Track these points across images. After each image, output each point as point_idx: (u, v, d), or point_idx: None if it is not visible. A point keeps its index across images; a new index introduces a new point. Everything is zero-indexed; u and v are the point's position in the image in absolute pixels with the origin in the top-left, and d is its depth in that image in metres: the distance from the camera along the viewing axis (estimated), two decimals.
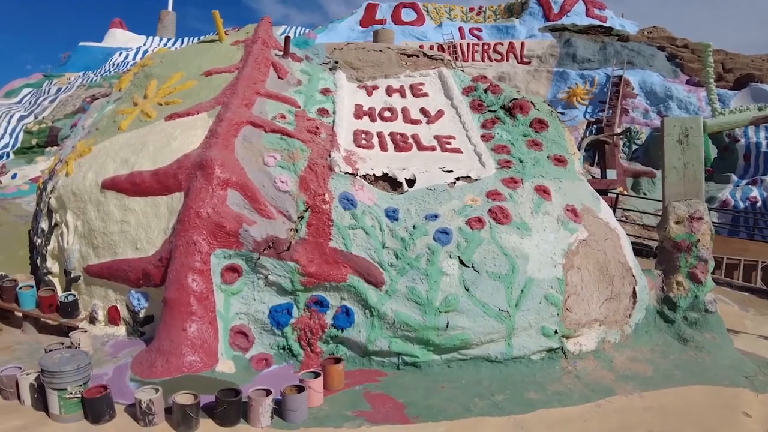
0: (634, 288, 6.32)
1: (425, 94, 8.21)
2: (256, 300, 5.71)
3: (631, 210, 15.31)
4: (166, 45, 27.12)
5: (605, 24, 24.85)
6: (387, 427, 4.48)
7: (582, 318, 5.80)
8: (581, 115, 21.22)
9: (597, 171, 17.07)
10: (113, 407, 4.53)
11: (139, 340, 5.91)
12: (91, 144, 7.12)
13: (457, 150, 6.96)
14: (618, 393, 5.17)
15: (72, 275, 6.50)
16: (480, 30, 25.14)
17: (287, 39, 8.41)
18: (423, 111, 7.79)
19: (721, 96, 19.42)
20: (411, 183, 6.25)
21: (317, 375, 4.91)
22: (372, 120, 7.57)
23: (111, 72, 23.64)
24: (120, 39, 27.85)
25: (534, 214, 6.05)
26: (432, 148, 7.00)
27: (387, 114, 7.71)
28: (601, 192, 10.60)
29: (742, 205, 15.80)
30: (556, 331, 5.58)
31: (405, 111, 7.79)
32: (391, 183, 6.29)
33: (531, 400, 4.97)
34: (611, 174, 16.33)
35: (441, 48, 22.08)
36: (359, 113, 7.62)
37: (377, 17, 26.34)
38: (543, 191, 6.25)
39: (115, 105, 7.99)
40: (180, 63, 8.11)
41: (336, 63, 8.63)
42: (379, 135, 7.18)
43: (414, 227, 5.78)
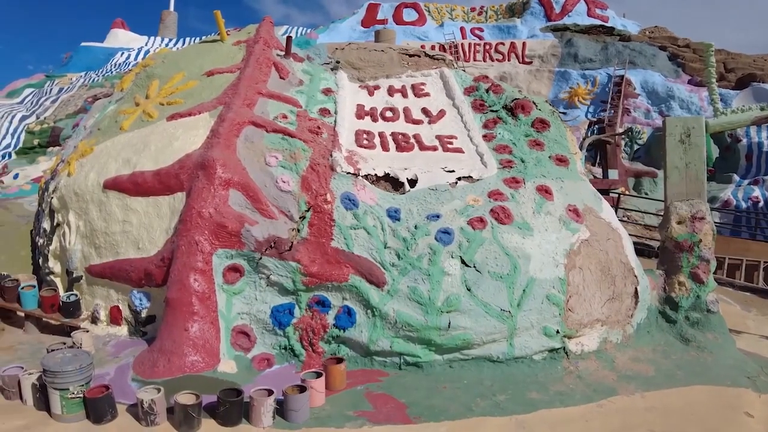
0: (636, 288, 6.31)
1: (427, 94, 8.21)
2: (257, 300, 5.71)
3: (633, 210, 15.29)
4: (167, 45, 27.17)
5: (607, 24, 24.86)
6: (389, 427, 4.48)
7: (584, 318, 5.79)
8: (583, 115, 21.23)
9: (599, 171, 17.06)
10: (115, 407, 4.53)
11: (141, 340, 5.91)
12: (93, 144, 7.12)
13: (459, 150, 6.95)
14: (620, 393, 5.16)
15: (74, 275, 6.51)
16: (481, 30, 25.14)
17: (289, 39, 8.41)
18: (425, 111, 7.79)
19: (723, 96, 19.42)
20: (413, 183, 6.24)
21: (319, 375, 4.90)
22: (374, 120, 7.56)
23: (113, 72, 23.68)
24: (122, 39, 27.91)
25: (536, 214, 6.04)
26: (434, 148, 6.99)
27: (389, 114, 7.70)
28: (603, 192, 10.57)
29: (744, 205, 15.79)
30: (558, 331, 5.57)
31: (407, 111, 7.78)
32: (393, 183, 6.29)
33: (533, 400, 4.97)
34: (613, 174, 16.32)
35: (442, 48, 22.08)
36: (361, 113, 7.62)
37: (378, 17, 26.36)
38: (545, 191, 6.24)
39: (117, 105, 7.99)
40: (182, 63, 8.12)
41: (338, 63, 8.62)
42: (381, 135, 7.18)
43: (416, 227, 5.78)
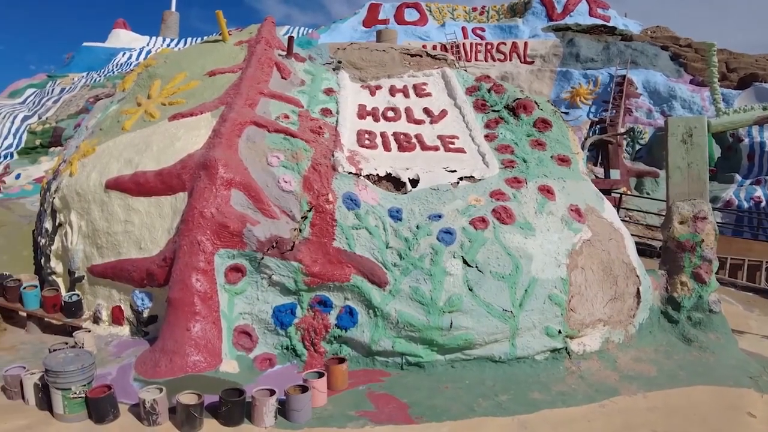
0: (638, 288, 6.30)
1: (428, 93, 8.20)
2: (259, 300, 5.71)
3: (635, 210, 15.27)
4: (169, 45, 27.20)
5: (608, 23, 24.84)
6: (391, 427, 4.48)
7: (586, 318, 5.79)
8: (584, 115, 21.22)
9: (600, 171, 17.02)
10: (117, 407, 4.53)
11: (143, 339, 5.92)
12: (95, 144, 7.13)
13: (461, 150, 6.94)
14: (622, 393, 5.16)
15: (76, 275, 6.51)
16: (483, 30, 25.13)
17: (290, 39, 8.40)
18: (426, 111, 7.78)
19: (725, 95, 19.41)
20: (414, 183, 6.24)
21: (321, 375, 4.90)
22: (375, 120, 7.56)
23: (114, 72, 23.71)
24: (123, 39, 27.95)
25: (538, 214, 6.04)
26: (435, 147, 6.98)
27: (390, 114, 7.70)
28: (605, 192, 10.57)
29: (746, 205, 15.77)
30: (560, 332, 5.57)
31: (408, 111, 7.78)
32: (395, 183, 6.29)
33: (535, 400, 4.96)
34: (615, 174, 16.28)
35: (444, 48, 22.06)
36: (363, 113, 7.62)
37: (380, 17, 26.36)
38: (547, 191, 6.23)
39: (119, 105, 8.00)
40: (183, 63, 8.12)
41: (339, 63, 8.62)
42: (383, 135, 7.17)
43: (417, 227, 5.78)
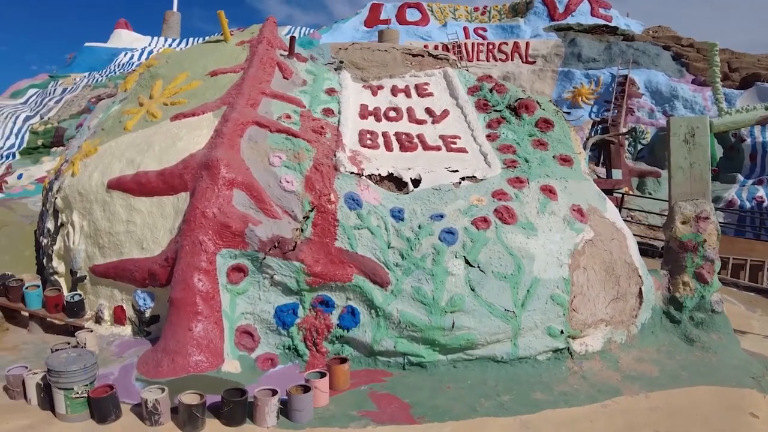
0: (640, 288, 6.29)
1: (430, 93, 8.20)
2: (261, 300, 5.71)
3: (637, 210, 15.26)
4: (171, 45, 27.25)
5: (610, 23, 24.84)
6: (393, 427, 4.47)
7: (588, 318, 5.78)
8: (586, 115, 21.22)
9: (602, 171, 17.02)
10: (119, 407, 4.53)
11: (145, 339, 5.92)
12: (97, 144, 7.13)
13: (463, 150, 6.94)
14: (624, 393, 5.14)
15: (78, 275, 6.52)
16: (485, 30, 25.14)
17: (292, 39, 8.40)
18: (428, 111, 7.78)
19: (727, 95, 19.38)
20: (416, 183, 6.23)
21: (323, 375, 4.90)
22: (377, 120, 7.56)
23: (116, 72, 23.75)
24: (125, 39, 28.02)
25: (540, 214, 6.03)
26: (437, 147, 6.98)
27: (392, 114, 7.70)
28: (607, 192, 10.57)
29: (748, 205, 15.75)
30: (562, 332, 5.56)
31: (410, 111, 7.77)
32: (397, 183, 6.28)
33: (537, 400, 4.95)
34: (617, 174, 16.28)
35: (446, 48, 22.06)
36: (364, 113, 7.61)
37: (382, 17, 26.39)
38: (549, 191, 6.22)
39: (121, 105, 8.00)
40: (185, 63, 8.12)
41: (341, 63, 8.62)
42: (385, 135, 7.17)
43: (419, 227, 5.77)
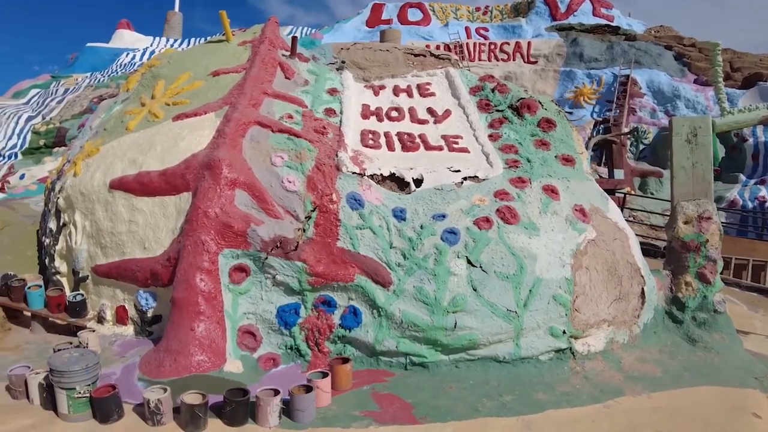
0: (642, 288, 6.29)
1: (432, 93, 8.19)
2: (263, 300, 5.71)
3: (639, 210, 15.24)
4: (172, 45, 27.26)
5: (612, 23, 24.82)
6: (395, 428, 4.47)
7: (590, 318, 5.77)
8: (588, 115, 21.20)
9: (604, 171, 17.00)
10: (122, 407, 4.53)
11: (147, 339, 5.92)
12: (99, 144, 7.14)
13: (465, 150, 6.93)
14: (626, 394, 5.14)
15: (80, 275, 6.52)
16: (486, 30, 25.12)
17: (294, 39, 8.40)
18: (430, 111, 7.77)
19: (729, 95, 19.35)
20: (418, 183, 6.23)
21: (325, 375, 4.90)
22: (379, 120, 7.55)
23: (118, 72, 23.77)
24: (127, 40, 28.04)
25: (542, 213, 6.02)
26: (439, 147, 6.98)
27: (394, 114, 7.69)
28: (609, 192, 10.54)
29: (750, 205, 15.71)
30: (564, 332, 5.55)
31: (412, 111, 7.77)
32: (399, 183, 6.28)
33: (539, 400, 4.95)
34: (619, 174, 16.26)
35: (447, 48, 22.07)
36: (366, 113, 7.61)
37: (383, 17, 26.38)
38: (551, 191, 6.22)
39: (123, 105, 8.01)
40: (187, 63, 8.13)
41: (343, 63, 8.62)
42: (387, 135, 7.17)
43: (421, 227, 5.77)
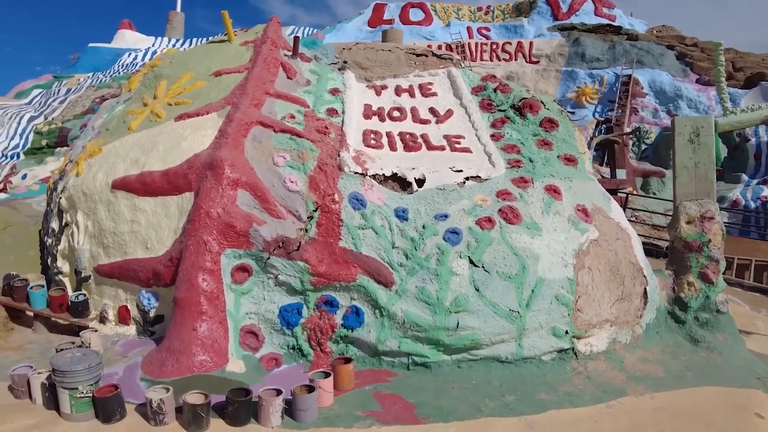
0: (645, 288, 6.28)
1: (434, 93, 8.19)
2: (266, 300, 5.71)
3: (641, 210, 15.23)
4: (174, 46, 27.26)
5: (614, 23, 24.78)
6: (397, 428, 4.47)
7: (593, 318, 5.77)
8: (590, 115, 21.18)
9: (606, 171, 17.00)
10: (124, 407, 4.54)
11: (150, 339, 5.93)
12: (101, 144, 7.14)
13: (467, 149, 6.93)
14: (629, 394, 5.14)
15: (82, 275, 6.53)
16: (488, 29, 25.10)
17: (296, 39, 8.40)
18: (432, 110, 7.77)
19: (732, 95, 19.33)
20: (420, 183, 6.22)
21: (327, 375, 4.90)
22: (381, 120, 7.55)
23: (120, 73, 23.78)
24: (129, 40, 28.03)
25: (544, 213, 6.02)
26: (441, 147, 6.97)
27: (396, 114, 7.69)
28: (611, 192, 10.54)
29: (752, 205, 15.67)
30: (566, 332, 5.55)
31: (414, 111, 7.77)
32: (401, 183, 6.27)
33: (542, 400, 4.95)
34: (621, 174, 16.25)
35: (449, 48, 22.05)
36: (368, 113, 7.61)
37: (385, 17, 26.35)
38: (553, 191, 6.21)
39: (125, 105, 8.02)
40: (189, 63, 8.13)
41: (345, 63, 8.61)
42: (389, 135, 7.17)
43: (424, 227, 5.77)
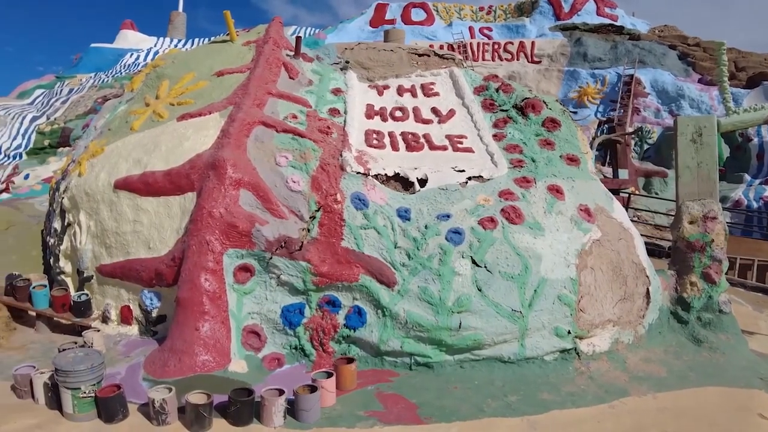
0: (647, 288, 6.27)
1: (436, 93, 8.19)
2: (268, 300, 5.72)
3: (643, 210, 15.21)
4: (176, 46, 27.27)
5: (616, 23, 24.73)
6: (400, 428, 4.47)
7: (595, 318, 5.76)
8: (592, 115, 21.15)
9: (609, 171, 16.98)
10: (126, 406, 4.54)
11: (152, 339, 5.93)
12: (104, 144, 7.15)
13: (469, 149, 6.92)
14: (631, 394, 5.13)
15: (85, 275, 6.53)
16: (490, 29, 25.06)
17: (298, 39, 8.41)
18: (434, 110, 7.77)
19: (734, 95, 19.30)
20: (423, 183, 6.22)
21: (330, 375, 4.89)
22: (383, 120, 7.55)
23: (122, 73, 23.79)
24: (131, 40, 28.04)
25: (547, 213, 6.01)
26: (443, 147, 6.97)
27: (398, 114, 7.69)
28: (613, 192, 10.53)
29: (755, 205, 15.64)
30: (569, 332, 5.54)
31: (416, 110, 7.77)
32: (403, 183, 6.27)
33: (544, 400, 4.94)
34: (623, 174, 16.22)
35: (451, 47, 22.03)
36: (370, 113, 7.61)
37: (387, 17, 26.32)
38: (556, 191, 6.21)
39: (127, 105, 8.03)
40: (192, 63, 8.14)
41: (347, 63, 8.61)
42: (391, 135, 7.16)
43: (426, 227, 5.76)
